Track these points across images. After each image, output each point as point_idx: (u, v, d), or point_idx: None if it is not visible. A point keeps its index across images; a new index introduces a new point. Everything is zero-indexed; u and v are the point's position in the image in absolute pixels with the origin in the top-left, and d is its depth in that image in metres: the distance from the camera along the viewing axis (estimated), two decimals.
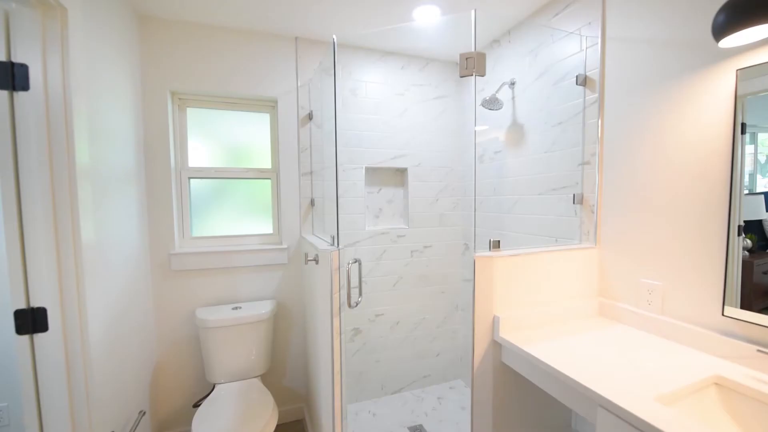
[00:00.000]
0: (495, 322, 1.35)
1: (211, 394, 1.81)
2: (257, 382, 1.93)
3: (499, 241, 1.40)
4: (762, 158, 1.01)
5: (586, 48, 1.55)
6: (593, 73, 1.52)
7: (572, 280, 1.49)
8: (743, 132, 1.05)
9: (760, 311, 1.02)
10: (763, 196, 1.02)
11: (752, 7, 0.89)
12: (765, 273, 1.02)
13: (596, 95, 1.50)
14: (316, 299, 1.74)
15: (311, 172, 2.15)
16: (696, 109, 1.17)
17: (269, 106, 2.16)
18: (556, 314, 1.44)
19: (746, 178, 1.05)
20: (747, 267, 1.05)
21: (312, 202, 2.16)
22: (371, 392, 2.40)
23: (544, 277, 1.44)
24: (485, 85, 2.21)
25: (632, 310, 1.38)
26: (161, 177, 1.92)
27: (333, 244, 1.55)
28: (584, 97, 1.56)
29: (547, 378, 1.18)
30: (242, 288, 2.09)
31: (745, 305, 1.05)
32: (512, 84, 1.98)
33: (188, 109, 2.04)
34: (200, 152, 2.08)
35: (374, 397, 2.41)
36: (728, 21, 0.93)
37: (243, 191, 2.17)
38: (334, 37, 1.43)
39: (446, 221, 2.49)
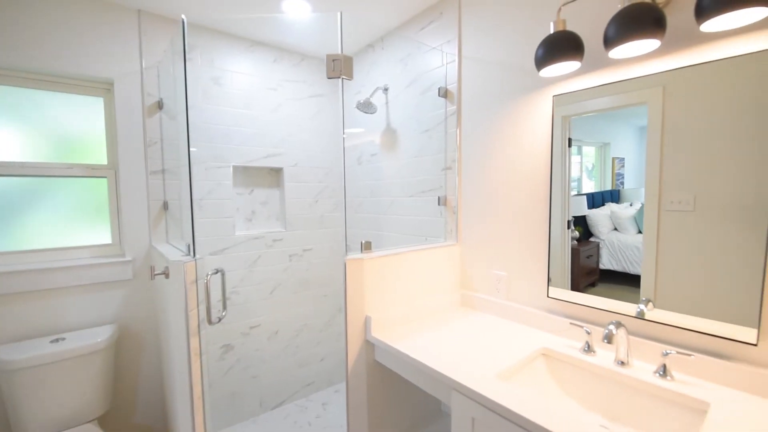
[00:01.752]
0: (367, 323, 1.37)
1: None
2: (92, 427, 1.56)
3: (370, 243, 1.42)
4: (589, 165, 1.23)
5: (447, 63, 1.69)
6: (453, 87, 1.67)
7: (438, 275, 1.61)
8: (570, 145, 1.26)
9: (585, 288, 1.25)
10: (585, 197, 1.26)
11: (561, 45, 1.08)
12: (588, 257, 1.25)
13: (455, 107, 1.66)
14: (170, 319, 1.49)
15: (163, 170, 1.84)
16: (530, 125, 1.39)
17: (103, 89, 1.77)
18: (423, 309, 1.53)
19: (575, 183, 1.27)
20: (575, 253, 1.28)
21: (165, 206, 1.85)
22: (248, 412, 2.20)
23: (412, 275, 1.51)
24: (362, 88, 2.24)
25: (486, 299, 1.57)
26: None
27: (189, 254, 1.35)
28: (446, 108, 1.71)
29: (413, 370, 1.24)
30: (67, 314, 1.66)
31: (574, 285, 1.27)
32: (386, 89, 2.05)
33: None
34: (2, 143, 1.58)
35: (252, 416, 2.22)
36: (544, 55, 1.11)
37: (68, 193, 1.72)
38: (184, 17, 1.24)
39: (327, 223, 2.45)
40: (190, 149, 1.90)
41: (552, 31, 1.11)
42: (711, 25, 0.84)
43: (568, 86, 1.25)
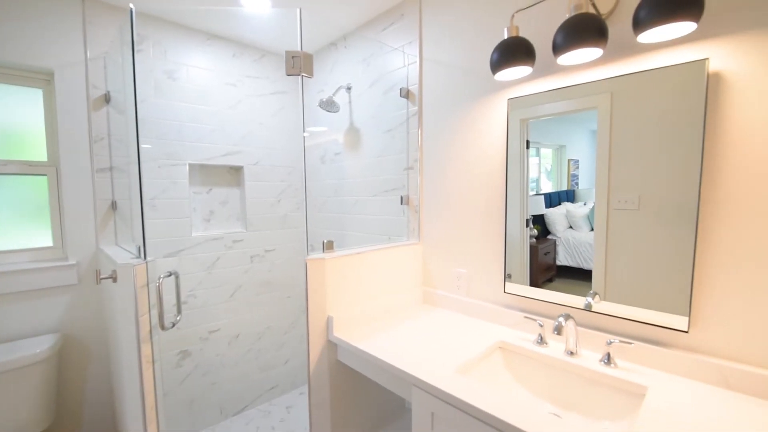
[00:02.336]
0: (329, 323, 1.36)
1: None
2: None
3: (332, 242, 1.41)
4: (548, 167, 1.28)
5: (408, 64, 1.71)
6: (414, 88, 1.69)
7: (400, 274, 1.62)
8: (528, 147, 1.31)
9: (543, 283, 1.29)
10: (543, 197, 1.31)
11: (513, 51, 1.12)
12: (545, 254, 1.30)
13: (417, 108, 1.68)
14: (120, 325, 1.41)
15: (111, 168, 1.73)
16: (488, 128, 1.43)
17: (42, 79, 1.63)
18: (386, 307, 1.54)
19: (534, 183, 1.31)
20: (534, 251, 1.33)
21: (114, 205, 1.74)
22: (208, 419, 2.11)
23: (374, 274, 1.52)
24: (325, 86, 2.22)
25: (447, 296, 1.60)
26: None
27: (139, 256, 1.28)
28: (407, 109, 1.72)
29: (375, 368, 1.24)
30: (3, 323, 1.52)
31: (533, 281, 1.32)
32: (349, 88, 2.04)
33: None
34: None
35: (212, 424, 2.14)
36: (498, 60, 1.15)
37: (3, 192, 1.58)
38: (132, 6, 1.18)
39: (290, 223, 2.40)
40: (142, 145, 1.81)
41: (506, 37, 1.15)
42: (647, 36, 0.91)
43: (522, 90, 1.30)
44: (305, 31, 2.01)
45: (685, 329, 1.00)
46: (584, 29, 0.95)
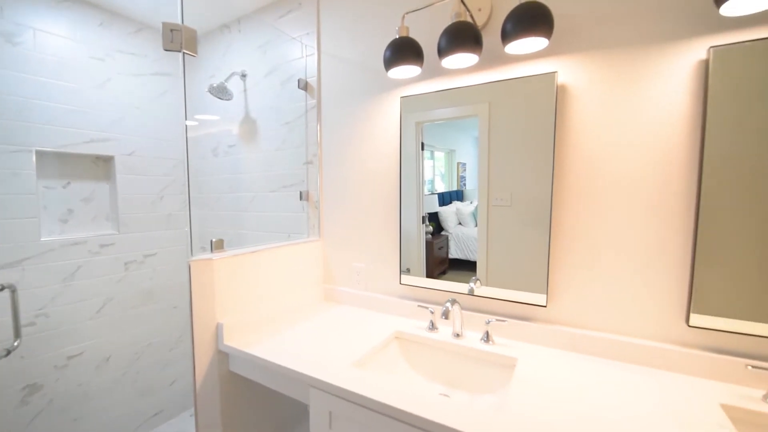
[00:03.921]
0: (219, 330, 1.23)
1: None
2: None
3: (222, 241, 1.29)
4: (442, 170, 1.36)
5: (306, 56, 1.66)
6: (313, 80, 1.65)
7: (300, 272, 1.57)
8: (423, 149, 1.37)
9: (439, 275, 1.37)
10: (437, 196, 1.38)
11: (404, 50, 1.17)
12: (439, 248, 1.38)
13: (315, 101, 1.64)
14: None
15: None
16: (383, 125, 1.47)
17: None
18: (284, 308, 1.47)
19: (430, 184, 1.38)
20: (429, 246, 1.40)
21: None
22: None
23: (272, 274, 1.44)
24: (217, 71, 2.03)
25: (348, 291, 1.60)
26: None
27: None
28: (306, 101, 1.68)
29: (270, 374, 1.17)
30: None
31: (429, 273, 1.39)
32: (244, 76, 1.90)
33: None
34: None
35: None
36: (390, 58, 1.19)
37: None
38: None
39: (176, 222, 2.14)
40: None
41: (397, 36, 1.19)
42: (512, 48, 1.03)
43: (413, 89, 1.37)
44: (193, 8, 1.81)
45: (544, 304, 1.16)
46: (462, 36, 1.04)
